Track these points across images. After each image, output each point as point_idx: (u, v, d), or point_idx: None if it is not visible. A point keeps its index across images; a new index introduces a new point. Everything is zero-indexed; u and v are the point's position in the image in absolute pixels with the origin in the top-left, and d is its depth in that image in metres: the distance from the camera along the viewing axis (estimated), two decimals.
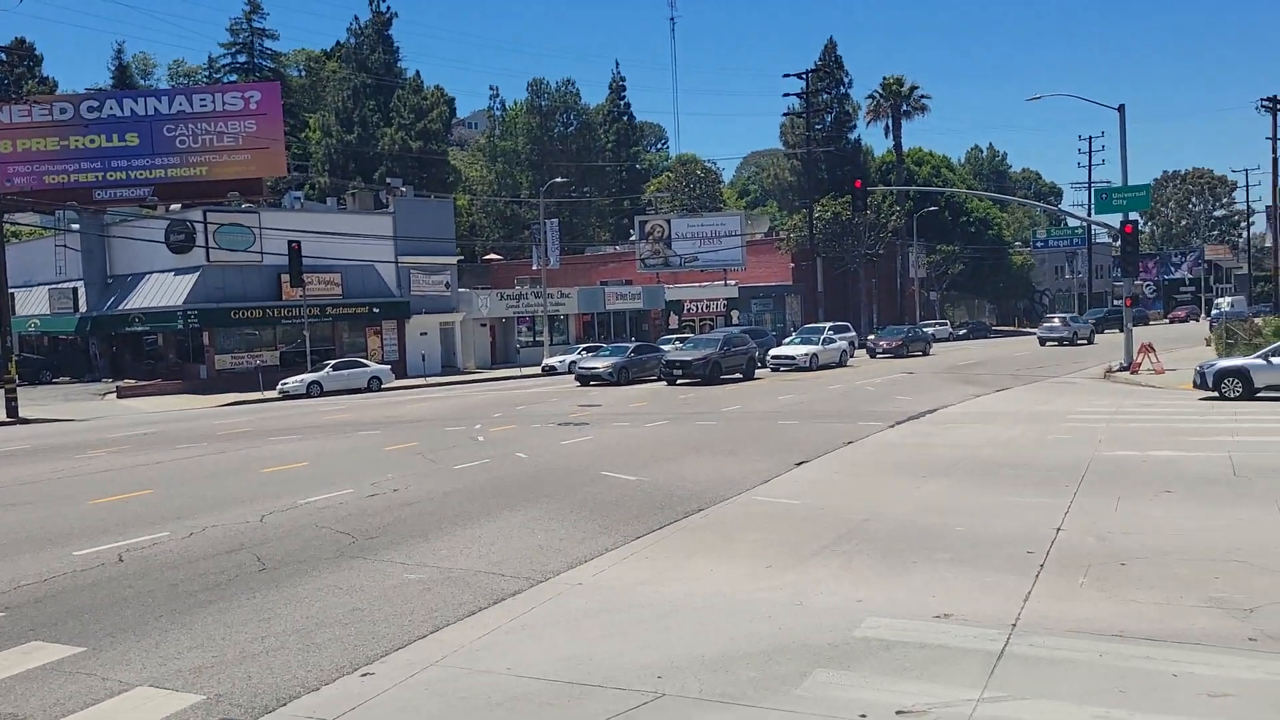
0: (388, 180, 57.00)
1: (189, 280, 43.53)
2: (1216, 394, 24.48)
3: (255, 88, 50.77)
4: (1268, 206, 67.26)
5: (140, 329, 46.38)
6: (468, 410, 29.38)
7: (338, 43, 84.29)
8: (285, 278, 43.05)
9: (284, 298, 44.77)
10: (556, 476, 16.09)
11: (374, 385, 41.57)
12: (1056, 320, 58.12)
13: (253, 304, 44.59)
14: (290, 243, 40.53)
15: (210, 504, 14.50)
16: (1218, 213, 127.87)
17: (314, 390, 39.63)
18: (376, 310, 48.43)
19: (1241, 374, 24.38)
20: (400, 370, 47.10)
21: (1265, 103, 64.27)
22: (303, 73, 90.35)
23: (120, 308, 46.52)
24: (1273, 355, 24.34)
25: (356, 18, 79.27)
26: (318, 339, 45.29)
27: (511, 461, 17.95)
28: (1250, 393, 23.96)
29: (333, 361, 42.25)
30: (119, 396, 41.61)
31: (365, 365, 42.80)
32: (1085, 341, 54.97)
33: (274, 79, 74.73)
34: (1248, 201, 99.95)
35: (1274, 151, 63.42)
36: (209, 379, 43.42)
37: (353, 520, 12.94)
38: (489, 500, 14.16)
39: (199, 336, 43.94)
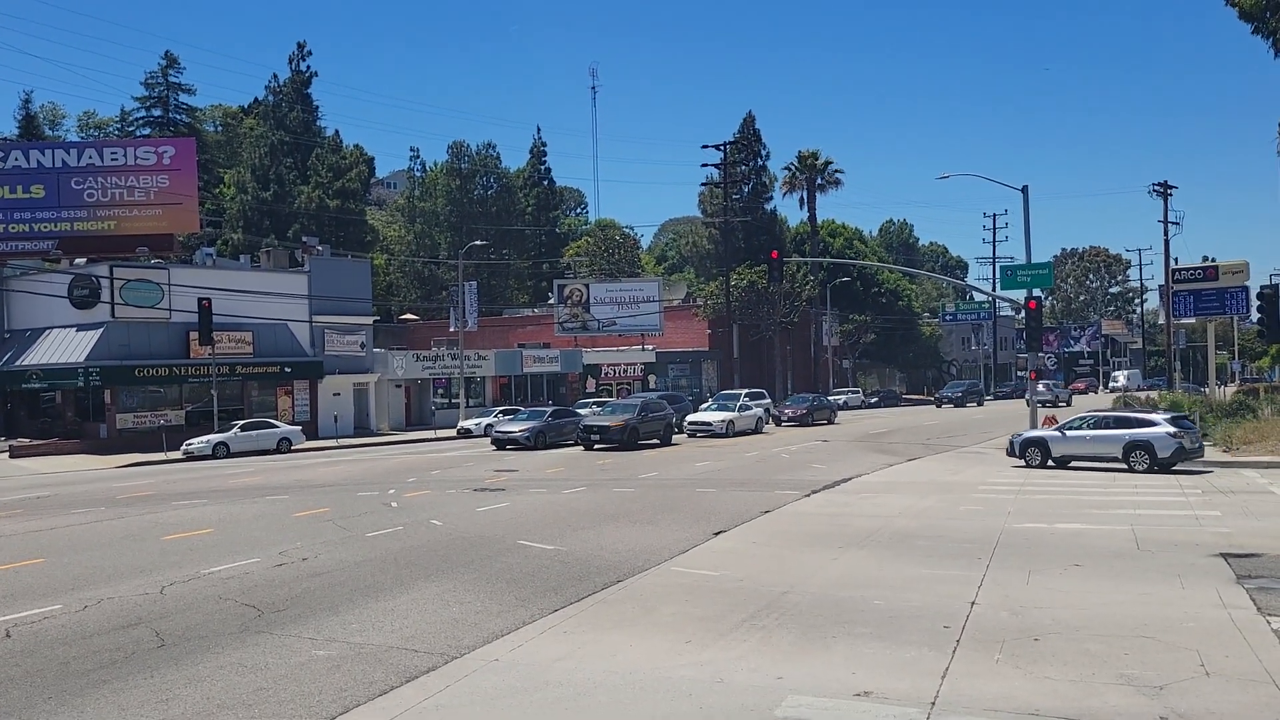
0: (303, 238, 56.23)
1: (92, 336, 42.11)
2: (1023, 462, 27.25)
3: (169, 143, 49.77)
4: (1160, 285, 70.37)
5: (38, 385, 44.54)
6: (381, 474, 28.77)
7: (256, 100, 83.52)
8: (194, 335, 41.96)
9: (192, 356, 43.59)
10: (472, 545, 15.78)
11: (284, 447, 40.53)
12: (948, 391, 71.67)
13: (159, 362, 43.29)
14: (200, 300, 39.60)
15: (107, 574, 13.86)
16: (1114, 289, 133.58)
17: (220, 451, 38.46)
18: (289, 370, 47.42)
19: (1040, 444, 27.39)
20: (311, 431, 46.04)
21: (1157, 187, 67.63)
22: (219, 128, 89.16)
23: (17, 363, 44.68)
24: (1067, 429, 27.24)
25: (275, 76, 78.62)
26: (226, 398, 44.09)
27: (426, 529, 17.57)
28: (1045, 461, 26.93)
29: (241, 422, 41.11)
30: (11, 456, 39.80)
31: (275, 426, 41.74)
32: (975, 404, 67.04)
33: (189, 134, 73.61)
34: (1141, 279, 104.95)
35: (1165, 234, 66.56)
36: (109, 439, 41.83)
37: (259, 592, 12.47)
38: (402, 570, 13.81)
39: (100, 394, 42.39)
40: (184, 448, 38.65)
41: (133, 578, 13.53)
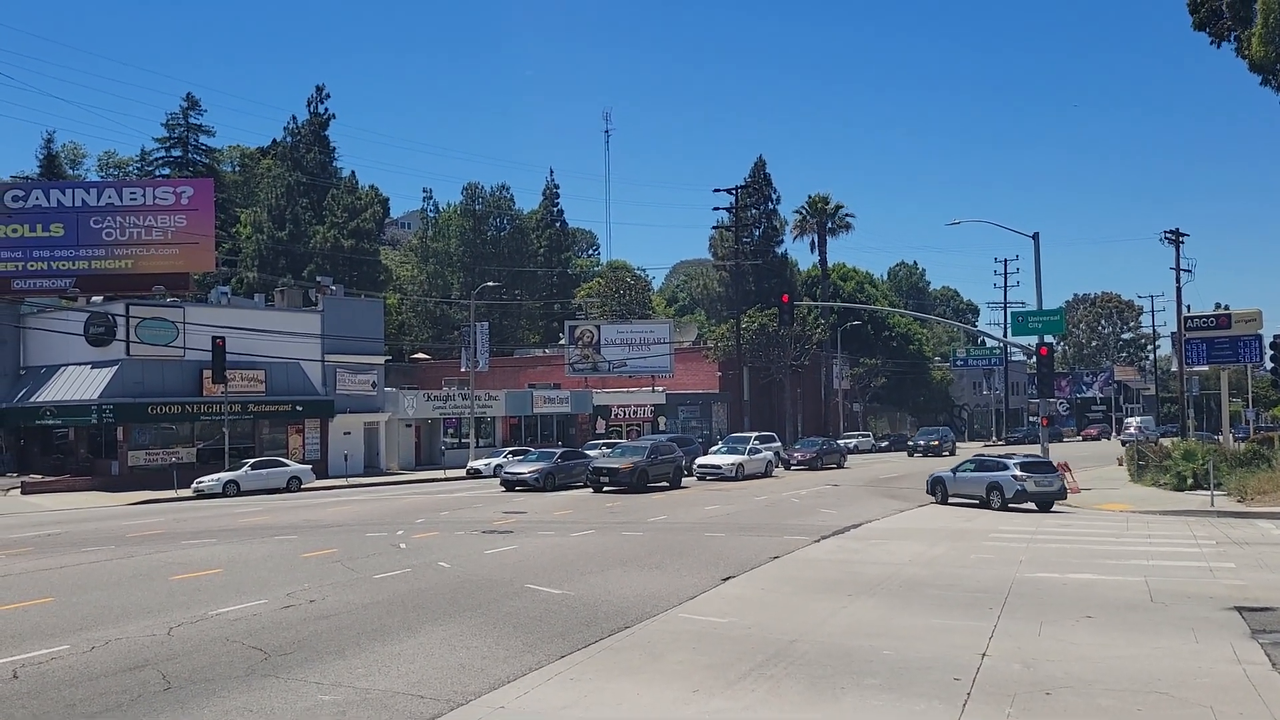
0: (318, 278, 56.64)
1: (106, 374, 42.37)
2: (933, 497, 30.53)
3: (188, 183, 50.43)
4: (1172, 333, 70.18)
5: (51, 422, 44.76)
6: (390, 515, 28.74)
7: (274, 141, 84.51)
8: (208, 373, 42.18)
9: (205, 394, 43.78)
10: (480, 588, 15.74)
11: (294, 485, 40.53)
12: (921, 439, 66.57)
13: (172, 399, 43.49)
14: (215, 338, 39.81)
15: (115, 614, 13.86)
16: (1126, 335, 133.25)
17: (230, 490, 38.48)
18: (300, 408, 47.56)
19: (940, 483, 30.63)
20: (321, 470, 46.06)
21: (1168, 235, 67.61)
22: (236, 168, 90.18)
23: (31, 400, 44.96)
24: (958, 471, 30.27)
25: (294, 117, 79.55)
26: (238, 436, 44.21)
27: (434, 571, 17.53)
28: (945, 498, 30.09)
29: (251, 460, 41.16)
30: (23, 493, 39.91)
31: (285, 464, 41.77)
32: (949, 453, 61.09)
33: (207, 174, 74.49)
34: (1153, 326, 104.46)
35: (1178, 281, 66.46)
36: (121, 476, 41.92)
37: (266, 634, 12.44)
38: (409, 614, 13.77)
39: (113, 431, 42.54)
40: (195, 485, 38.70)
41: (140, 618, 13.52)
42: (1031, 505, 27.96)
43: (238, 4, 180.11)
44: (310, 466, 43.33)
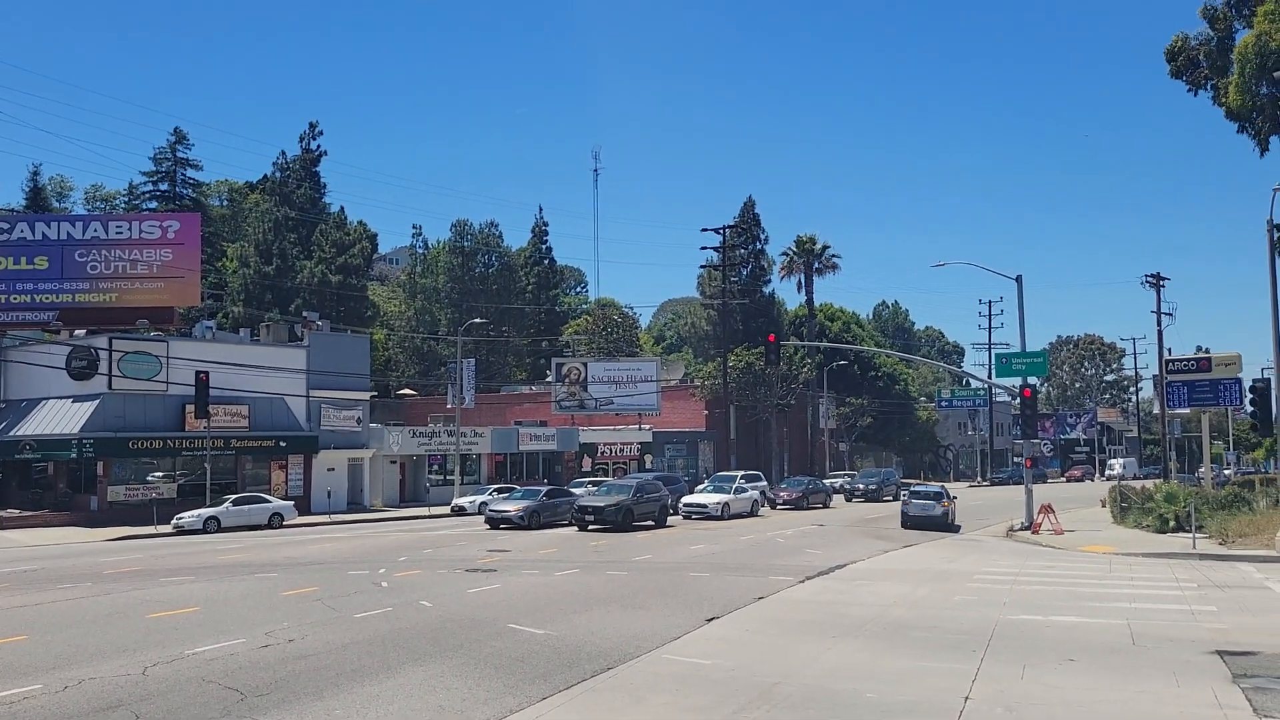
0: (304, 313, 56.60)
1: (87, 408, 42.10)
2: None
3: (175, 217, 50.40)
4: (1154, 375, 70.66)
5: (30, 456, 44.36)
6: (372, 552, 28.52)
7: (264, 176, 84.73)
8: (190, 408, 41.98)
9: (187, 428, 43.54)
10: (462, 628, 15.61)
11: (276, 522, 40.21)
12: (860, 482, 59.57)
13: (153, 434, 43.21)
14: (198, 373, 39.69)
15: (90, 653, 13.68)
16: (1109, 377, 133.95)
17: (211, 526, 38.14)
18: (284, 444, 47.30)
19: (904, 512, 37.53)
20: (304, 507, 45.73)
21: (1149, 279, 68.38)
22: (224, 203, 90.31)
23: (11, 433, 44.56)
24: (913, 498, 36.55)
25: (284, 153, 79.90)
26: (220, 472, 43.91)
27: (415, 610, 17.38)
28: (906, 524, 36.58)
29: (233, 496, 40.85)
30: (0, 528, 39.45)
31: (267, 501, 41.46)
32: (891, 497, 53.95)
33: (195, 208, 74.56)
34: (1136, 368, 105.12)
35: (1159, 324, 67.16)
36: (100, 511, 41.53)
37: (243, 674, 12.30)
38: (390, 653, 13.63)
39: (93, 466, 42.20)
40: (174, 521, 38.34)
41: (115, 657, 13.35)
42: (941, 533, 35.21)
43: (228, 40, 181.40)
44: (293, 503, 43.03)
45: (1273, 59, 25.40)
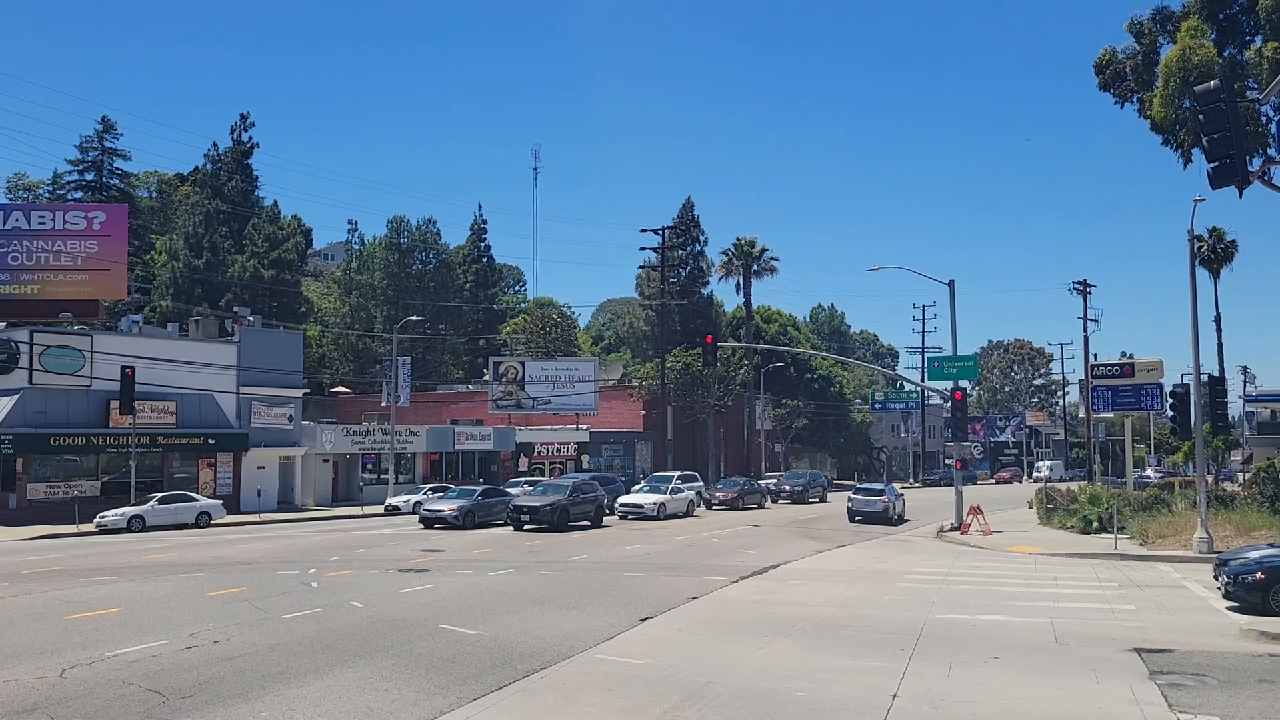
0: (235, 308, 55.47)
1: (7, 403, 40.79)
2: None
3: (101, 208, 49.00)
4: (1080, 380, 72.44)
5: None
6: (303, 552, 28.07)
7: (196, 168, 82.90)
8: (115, 404, 40.90)
9: (111, 425, 42.42)
10: (393, 629, 15.44)
11: (203, 521, 39.38)
12: (786, 483, 58.92)
13: (76, 430, 42.01)
14: (124, 368, 38.67)
15: (5, 655, 13.26)
16: (1037, 381, 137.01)
17: (136, 525, 37.21)
18: (212, 441, 46.33)
19: (850, 507, 40.93)
20: (233, 506, 44.83)
21: (1077, 285, 70.08)
22: (153, 194, 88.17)
23: None
24: (856, 493, 41.12)
25: (215, 145, 78.24)
26: (145, 470, 42.86)
27: (346, 611, 17.15)
28: (853, 518, 40.12)
29: (159, 494, 39.91)
30: None
31: (194, 499, 40.57)
32: (817, 499, 56.25)
33: (122, 199, 72.72)
34: (1063, 373, 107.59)
35: (1085, 330, 68.84)
36: (19, 509, 40.25)
37: (166, 676, 12.02)
38: (318, 655, 13.43)
39: (12, 463, 40.87)
40: (97, 520, 37.34)
41: (32, 659, 12.97)
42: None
43: (160, 28, 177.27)
44: (221, 502, 42.18)
45: (1195, 73, 26.18)
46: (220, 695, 11.16)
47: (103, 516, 37.50)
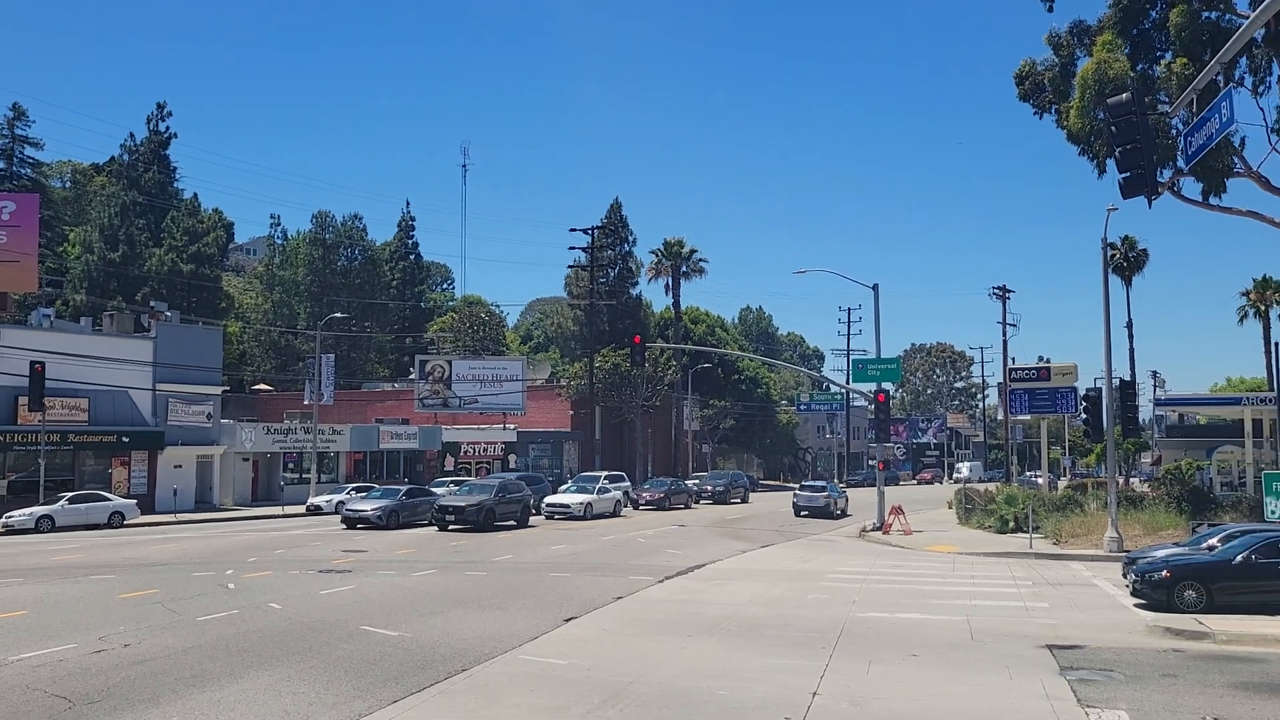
0: (151, 303, 53.96)
1: None
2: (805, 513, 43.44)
3: (10, 198, 47.25)
4: (999, 383, 74.16)
5: None
6: (220, 553, 27.43)
7: (111, 158, 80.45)
8: (24, 400, 39.54)
9: (20, 422, 40.99)
10: (312, 630, 15.17)
11: (116, 521, 38.25)
12: (708, 484, 58.57)
13: None
14: (33, 363, 37.39)
15: None
16: (958, 384, 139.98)
17: (44, 525, 36.01)
18: (126, 439, 45.02)
19: (795, 503, 45.24)
20: (148, 505, 43.62)
21: (996, 290, 71.80)
22: (67, 184, 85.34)
23: None
24: (800, 491, 44.30)
25: (132, 134, 75.99)
26: (56, 468, 41.47)
27: (263, 613, 16.80)
28: (799, 512, 44.13)
29: (70, 494, 38.67)
30: None
31: (107, 499, 39.40)
32: (739, 500, 56.94)
33: (33, 189, 70.15)
34: (983, 376, 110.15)
35: (1004, 334, 70.60)
36: None
37: (72, 681, 11.65)
38: (234, 658, 13.14)
39: None
40: (3, 520, 36.03)
41: None
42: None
43: (75, 14, 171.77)
44: (135, 501, 41.03)
45: (1109, 86, 26.98)
46: (130, 700, 10.86)
47: (9, 516, 36.23)
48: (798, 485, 49.48)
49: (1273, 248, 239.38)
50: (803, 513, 44.89)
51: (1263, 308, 58.79)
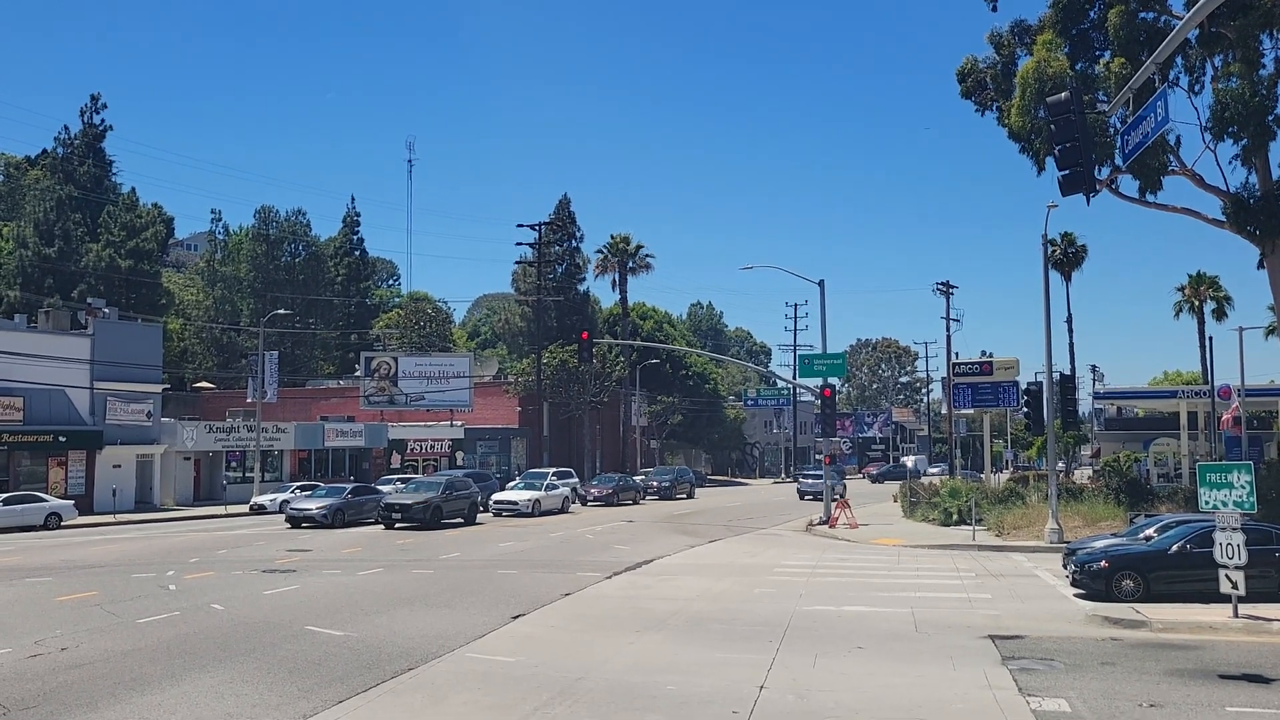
0: (88, 299, 52.75)
1: None
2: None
3: None
4: (943, 378, 75.21)
5: None
6: (161, 554, 26.91)
7: (44, 151, 78.45)
8: None
9: None
10: (256, 631, 14.95)
11: (53, 522, 37.33)
12: (654, 479, 58.72)
13: None
14: None
15: None
16: (903, 379, 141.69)
17: None
18: (63, 439, 43.96)
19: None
20: (86, 506, 42.64)
21: (940, 286, 72.83)
22: (0, 178, 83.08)
23: None
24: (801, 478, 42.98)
25: (66, 127, 74.21)
26: None
27: (205, 614, 16.52)
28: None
29: (4, 495, 37.67)
30: None
31: (43, 500, 38.45)
32: (685, 495, 57.65)
33: None
34: (927, 371, 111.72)
35: (948, 329, 71.66)
36: None
37: (6, 687, 11.37)
38: (175, 660, 12.91)
39: None
40: None
41: None
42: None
43: (8, 9, 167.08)
44: (73, 502, 40.08)
45: (1049, 85, 27.42)
46: (67, 705, 10.62)
47: None
48: (800, 474, 51.76)
49: (1207, 244, 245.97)
50: (807, 496, 52.18)
51: (1197, 303, 60.34)
